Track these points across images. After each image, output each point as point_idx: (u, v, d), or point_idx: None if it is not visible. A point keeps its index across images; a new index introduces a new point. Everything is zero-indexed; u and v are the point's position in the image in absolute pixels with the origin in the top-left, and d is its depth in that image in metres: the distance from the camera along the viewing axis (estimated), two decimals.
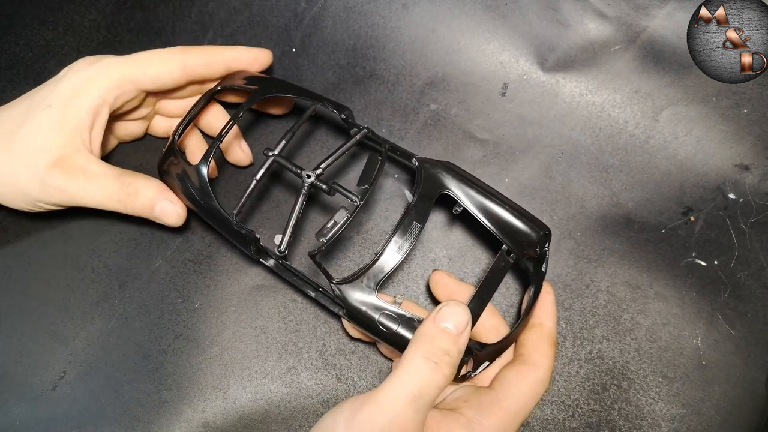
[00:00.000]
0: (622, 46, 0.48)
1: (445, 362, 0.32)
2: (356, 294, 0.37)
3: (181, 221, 0.41)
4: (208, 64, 0.42)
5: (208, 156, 0.39)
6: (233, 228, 0.39)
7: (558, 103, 0.49)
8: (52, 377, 0.42)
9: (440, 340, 0.33)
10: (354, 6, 0.50)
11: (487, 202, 0.40)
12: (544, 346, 0.38)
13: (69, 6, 0.51)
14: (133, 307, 0.44)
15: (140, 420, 0.41)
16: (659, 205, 0.47)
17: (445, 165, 0.41)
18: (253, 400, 0.42)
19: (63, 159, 0.37)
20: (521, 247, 0.39)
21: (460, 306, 0.34)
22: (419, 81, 0.50)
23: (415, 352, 0.33)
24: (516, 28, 0.49)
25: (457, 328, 0.33)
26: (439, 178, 0.40)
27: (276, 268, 0.41)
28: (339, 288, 0.37)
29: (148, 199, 0.40)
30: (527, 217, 0.40)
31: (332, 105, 0.43)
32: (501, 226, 0.40)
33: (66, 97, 0.38)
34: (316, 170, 0.39)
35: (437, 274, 0.42)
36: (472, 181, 0.40)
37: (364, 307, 0.37)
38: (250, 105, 0.41)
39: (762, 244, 0.46)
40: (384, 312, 0.36)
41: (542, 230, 0.40)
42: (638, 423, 0.42)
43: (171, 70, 0.40)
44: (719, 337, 0.44)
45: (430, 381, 0.32)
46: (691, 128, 0.48)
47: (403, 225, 0.37)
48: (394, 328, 0.36)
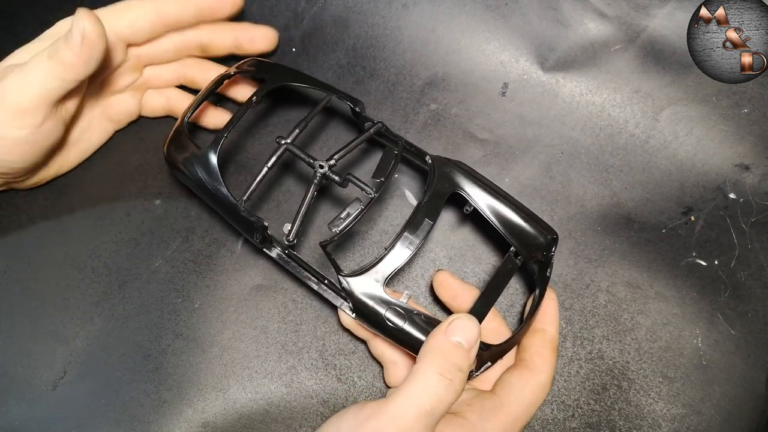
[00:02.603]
0: (622, 46, 0.48)
1: (458, 379, 0.32)
2: (364, 288, 0.36)
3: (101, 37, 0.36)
4: (180, 8, 0.43)
5: (219, 141, 0.39)
6: (241, 215, 0.38)
7: (558, 103, 0.49)
8: (52, 377, 0.42)
9: (454, 355, 0.33)
10: (354, 6, 0.50)
11: (497, 203, 0.40)
12: (546, 351, 0.38)
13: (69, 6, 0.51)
14: (133, 307, 0.44)
15: (140, 420, 0.41)
16: (659, 205, 0.47)
17: (457, 164, 0.41)
18: (253, 400, 0.42)
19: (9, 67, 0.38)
20: (528, 249, 0.39)
21: (471, 320, 0.34)
22: (419, 81, 0.50)
23: (428, 366, 0.32)
24: (516, 28, 0.49)
25: (468, 343, 0.33)
26: (451, 177, 0.40)
27: (280, 260, 0.41)
28: (347, 281, 0.36)
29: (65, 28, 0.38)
30: (535, 220, 0.40)
31: (346, 97, 0.43)
32: (510, 227, 0.40)
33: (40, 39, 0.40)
34: (329, 161, 0.39)
35: (441, 274, 0.42)
36: (482, 182, 0.41)
37: (372, 302, 0.36)
38: (264, 92, 0.42)
39: (762, 244, 0.46)
40: (392, 307, 0.36)
41: (550, 234, 0.40)
42: (638, 423, 0.42)
43: (146, 14, 0.42)
44: (719, 337, 0.44)
45: (443, 398, 0.31)
46: (692, 128, 0.48)
47: (415, 221, 0.37)
48: (401, 324, 0.36)
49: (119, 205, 0.46)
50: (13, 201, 0.45)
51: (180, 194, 0.47)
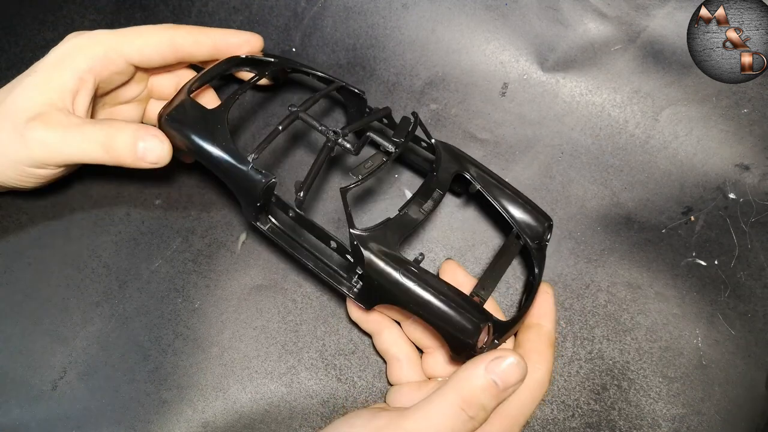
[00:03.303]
0: (622, 46, 0.48)
1: (479, 418, 0.31)
2: (377, 246, 0.34)
3: (168, 158, 0.39)
4: (196, 43, 0.41)
5: (231, 100, 0.39)
6: (248, 173, 0.36)
7: (558, 103, 0.49)
8: (52, 377, 0.42)
9: (484, 394, 0.32)
10: (354, 6, 0.50)
11: (499, 187, 0.42)
12: (543, 346, 0.38)
13: (69, 6, 0.51)
14: (133, 307, 0.44)
15: (140, 420, 0.41)
16: (659, 205, 0.47)
17: (460, 150, 0.43)
18: (253, 400, 0.42)
19: (43, 114, 0.37)
20: (527, 234, 0.41)
21: (519, 362, 0.32)
22: (419, 81, 0.50)
23: (453, 395, 0.31)
24: (516, 28, 0.49)
25: (505, 385, 0.32)
26: (458, 157, 0.42)
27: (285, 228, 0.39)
28: (360, 236, 0.34)
29: (130, 136, 0.38)
30: (532, 206, 0.42)
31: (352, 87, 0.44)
32: (509, 212, 0.42)
33: (52, 63, 0.38)
34: (343, 130, 0.38)
35: (449, 263, 0.42)
36: (483, 169, 0.43)
37: (382, 262, 0.34)
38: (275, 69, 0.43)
39: (762, 244, 0.46)
40: (406, 267, 0.34)
41: (546, 221, 0.42)
42: (638, 423, 0.41)
43: (158, 44, 0.40)
44: (719, 337, 0.44)
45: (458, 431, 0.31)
46: (691, 128, 0.48)
47: (426, 188, 0.38)
48: (412, 286, 0.34)
49: (119, 205, 0.46)
50: (14, 201, 0.45)
51: (180, 194, 0.47)
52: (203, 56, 0.43)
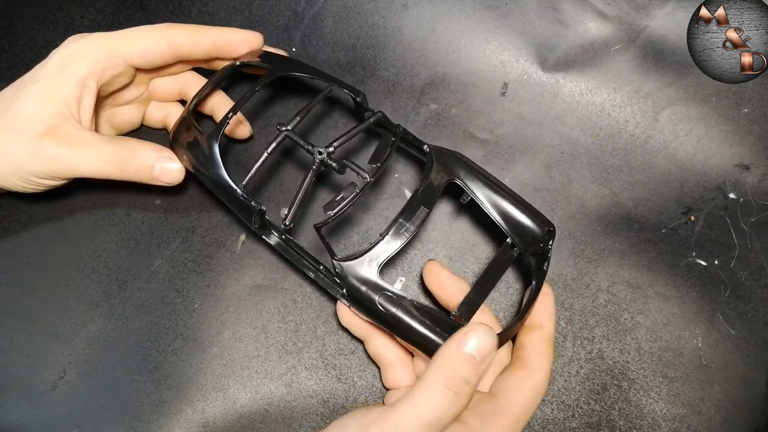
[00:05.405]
0: (622, 46, 0.48)
1: (465, 392, 0.32)
2: (358, 272, 0.36)
3: (181, 178, 0.41)
4: (194, 42, 0.41)
5: (221, 127, 0.39)
6: (239, 199, 0.38)
7: (558, 103, 0.49)
8: (52, 377, 0.42)
9: (463, 367, 0.32)
10: (354, 6, 0.50)
11: (495, 194, 0.40)
12: (544, 348, 0.38)
13: (69, 6, 0.51)
14: (133, 306, 0.44)
15: (140, 420, 0.41)
16: (659, 205, 0.47)
17: (455, 154, 0.41)
18: (253, 400, 0.42)
19: (54, 128, 0.37)
20: (526, 241, 0.39)
21: (488, 332, 0.33)
22: (419, 81, 0.50)
23: (435, 376, 0.32)
24: (516, 28, 0.49)
25: (481, 355, 0.32)
26: (449, 166, 0.40)
27: (279, 247, 0.41)
28: (341, 265, 0.36)
29: (147, 158, 0.39)
30: (532, 212, 0.40)
31: (347, 88, 0.43)
32: (507, 219, 0.40)
33: (54, 70, 0.38)
34: (328, 148, 0.39)
35: (431, 264, 0.42)
36: (480, 173, 0.41)
37: (365, 287, 0.36)
38: (268, 81, 0.42)
39: (762, 244, 0.46)
40: (385, 293, 0.36)
41: (547, 226, 0.40)
42: (638, 423, 0.42)
43: (158, 44, 0.40)
44: (719, 337, 0.44)
45: (447, 410, 0.31)
46: (692, 128, 0.48)
47: (410, 208, 0.37)
48: (393, 310, 0.35)
49: (119, 205, 0.46)
50: (14, 201, 0.45)
51: (180, 194, 0.47)
52: (203, 55, 0.43)
